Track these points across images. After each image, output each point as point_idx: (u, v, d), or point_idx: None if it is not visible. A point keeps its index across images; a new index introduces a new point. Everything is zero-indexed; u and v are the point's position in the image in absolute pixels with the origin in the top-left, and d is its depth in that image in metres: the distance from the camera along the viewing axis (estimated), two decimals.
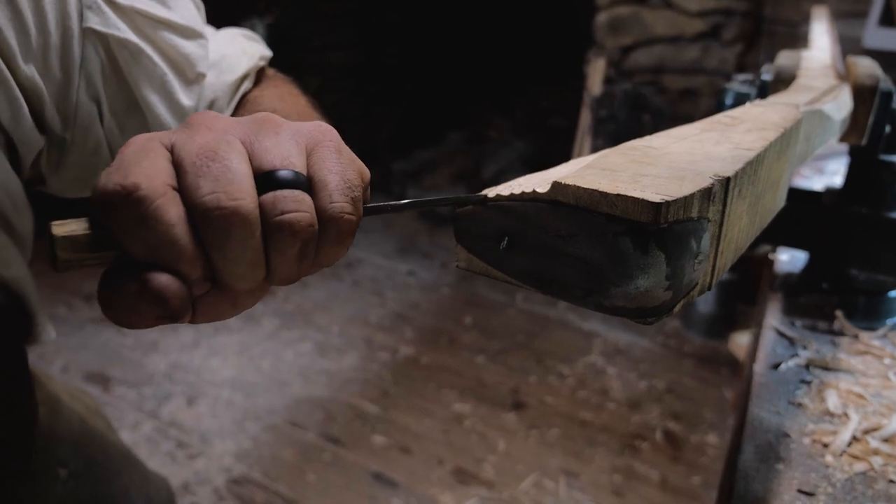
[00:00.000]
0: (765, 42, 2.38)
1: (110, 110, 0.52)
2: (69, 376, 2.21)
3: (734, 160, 0.36)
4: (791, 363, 0.66)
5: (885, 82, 0.67)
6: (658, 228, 0.31)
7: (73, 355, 2.32)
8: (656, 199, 0.30)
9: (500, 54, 4.37)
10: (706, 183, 0.33)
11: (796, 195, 0.78)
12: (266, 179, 0.31)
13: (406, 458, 1.91)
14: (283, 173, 0.32)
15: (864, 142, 0.67)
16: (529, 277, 0.36)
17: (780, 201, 0.46)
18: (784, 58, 0.72)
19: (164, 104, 0.54)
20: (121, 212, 0.29)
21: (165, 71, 0.53)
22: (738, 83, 0.75)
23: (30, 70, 0.46)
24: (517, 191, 0.35)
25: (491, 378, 2.26)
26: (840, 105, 0.56)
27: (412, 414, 2.09)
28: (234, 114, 0.60)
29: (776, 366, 0.66)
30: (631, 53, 2.50)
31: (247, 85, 0.61)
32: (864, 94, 0.65)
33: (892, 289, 0.72)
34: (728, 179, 0.34)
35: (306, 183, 0.32)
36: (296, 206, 0.31)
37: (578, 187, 0.32)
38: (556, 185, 0.33)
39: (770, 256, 0.88)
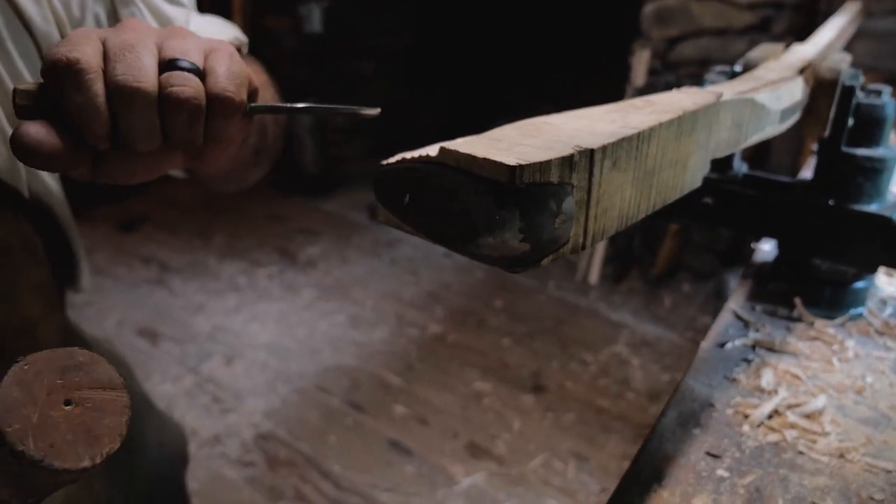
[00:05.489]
0: None
1: None
2: (123, 330, 2.40)
3: (611, 136, 0.41)
4: (737, 342, 0.69)
5: (851, 78, 0.69)
6: (514, 188, 0.36)
7: (128, 312, 2.51)
8: (512, 162, 0.36)
9: (550, 44, 4.36)
10: (567, 152, 0.38)
11: (772, 186, 0.81)
12: (169, 66, 0.43)
13: (423, 429, 1.99)
14: (181, 62, 0.43)
15: (825, 134, 0.68)
16: (427, 229, 0.42)
17: (690, 181, 0.50)
18: (757, 50, 0.74)
19: None
20: (62, 77, 0.40)
21: (150, 22, 0.63)
22: (714, 73, 0.77)
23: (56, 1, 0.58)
24: (416, 154, 0.41)
25: (514, 360, 2.31)
26: (780, 95, 0.58)
27: (433, 388, 2.17)
28: None
29: (722, 344, 0.69)
30: (677, 45, 2.47)
31: None
32: (825, 88, 0.67)
33: (853, 279, 0.74)
34: (592, 151, 0.39)
35: (199, 71, 0.44)
36: (182, 82, 0.42)
37: (458, 152, 0.38)
38: (443, 150, 0.39)
39: (752, 246, 0.90)
